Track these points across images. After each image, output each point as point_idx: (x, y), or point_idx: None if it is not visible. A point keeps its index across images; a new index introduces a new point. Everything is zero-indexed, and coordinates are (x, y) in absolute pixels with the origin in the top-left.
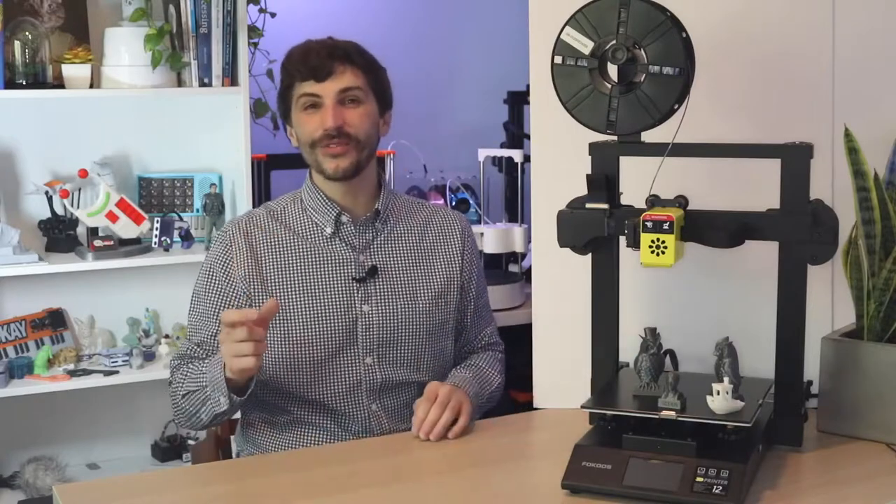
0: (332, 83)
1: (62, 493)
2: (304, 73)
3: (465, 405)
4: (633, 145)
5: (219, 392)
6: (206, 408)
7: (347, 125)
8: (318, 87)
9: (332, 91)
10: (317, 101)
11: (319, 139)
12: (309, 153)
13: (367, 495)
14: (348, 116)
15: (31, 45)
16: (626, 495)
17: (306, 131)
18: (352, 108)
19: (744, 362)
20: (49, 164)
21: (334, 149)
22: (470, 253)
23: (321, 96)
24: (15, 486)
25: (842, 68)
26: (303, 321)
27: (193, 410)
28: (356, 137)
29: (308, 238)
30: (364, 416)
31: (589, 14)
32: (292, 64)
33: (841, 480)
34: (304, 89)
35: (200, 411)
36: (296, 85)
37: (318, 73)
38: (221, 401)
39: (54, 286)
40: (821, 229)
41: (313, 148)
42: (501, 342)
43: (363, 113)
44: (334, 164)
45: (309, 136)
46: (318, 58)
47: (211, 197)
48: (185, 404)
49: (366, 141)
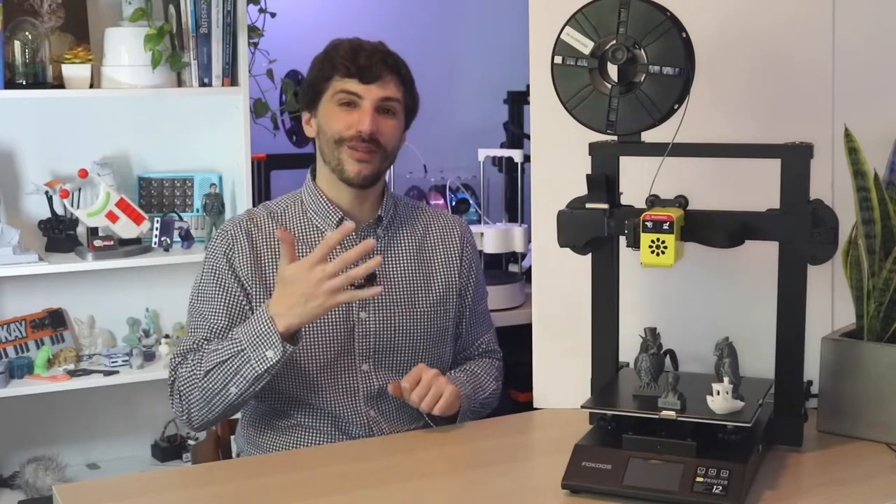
0: (376, 88)
1: (62, 493)
2: (351, 70)
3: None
4: (633, 145)
5: (265, 347)
6: (242, 374)
7: (380, 133)
8: (362, 88)
9: (375, 96)
10: (356, 100)
11: (349, 138)
12: (331, 148)
13: (366, 495)
14: (382, 125)
15: (31, 45)
16: (626, 495)
17: (336, 127)
18: (386, 118)
19: (744, 362)
20: (49, 164)
21: (362, 153)
22: (468, 259)
23: (363, 98)
24: (15, 486)
25: (842, 68)
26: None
27: (219, 387)
28: (384, 147)
29: (308, 242)
30: (363, 422)
31: (589, 14)
32: (339, 57)
33: (841, 480)
34: (346, 86)
35: (230, 383)
36: (336, 78)
37: (365, 75)
38: (268, 355)
39: (54, 286)
40: (821, 229)
41: (339, 144)
42: (500, 350)
43: (395, 125)
44: (358, 169)
45: (337, 133)
46: (369, 59)
47: (211, 197)
48: (209, 383)
49: (391, 153)
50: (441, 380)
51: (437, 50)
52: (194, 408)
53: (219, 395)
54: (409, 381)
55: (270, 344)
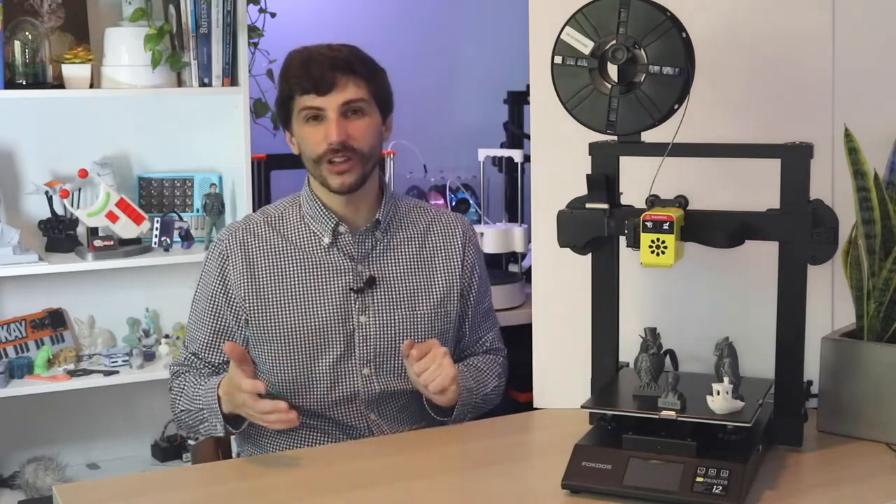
0: (334, 96)
1: (62, 493)
2: (305, 86)
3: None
4: (633, 145)
5: (215, 419)
6: (203, 426)
7: (351, 139)
8: (321, 100)
9: (335, 104)
10: (319, 114)
11: (324, 153)
12: (313, 167)
13: (366, 495)
14: (352, 129)
15: (31, 45)
16: (626, 495)
17: (309, 145)
18: (355, 119)
19: (744, 362)
20: (49, 164)
21: (339, 166)
22: (471, 259)
23: (324, 109)
24: (15, 486)
25: (842, 68)
26: (299, 332)
27: (192, 425)
28: (360, 151)
29: (305, 247)
30: (364, 425)
31: (589, 14)
32: (292, 75)
33: (841, 480)
34: (305, 102)
35: (199, 427)
36: (296, 97)
37: (319, 87)
38: (218, 427)
39: (54, 286)
40: (821, 229)
41: (318, 163)
42: (504, 348)
43: (367, 125)
44: (340, 181)
45: (313, 151)
46: (320, 70)
47: (211, 197)
48: (184, 418)
49: (370, 153)
50: (447, 360)
51: (437, 50)
52: (182, 427)
53: (194, 430)
54: (420, 350)
55: (218, 419)
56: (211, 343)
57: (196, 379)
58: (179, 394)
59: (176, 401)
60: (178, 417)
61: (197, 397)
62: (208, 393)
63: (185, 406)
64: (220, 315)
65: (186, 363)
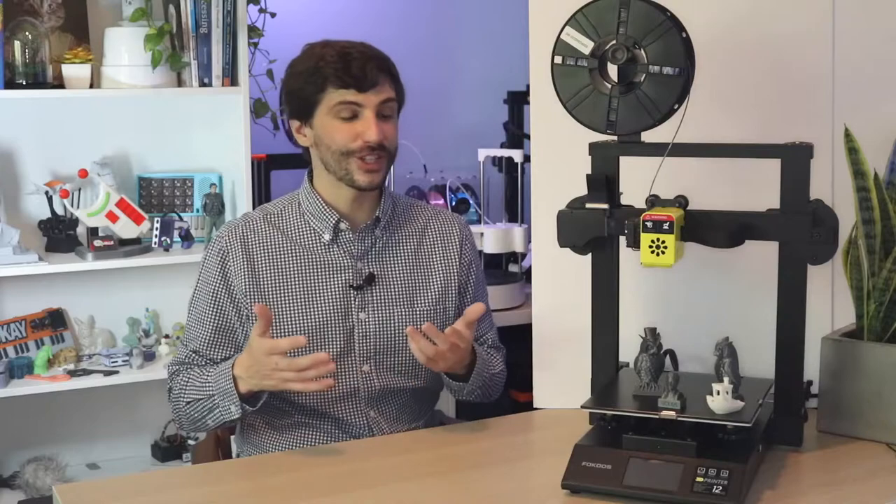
0: (374, 95)
1: (62, 493)
2: (346, 80)
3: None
4: (633, 145)
5: (229, 401)
6: (213, 415)
7: (386, 139)
8: (361, 97)
9: (374, 102)
10: (357, 110)
11: (357, 150)
12: (338, 160)
13: (366, 495)
14: (386, 130)
15: (31, 45)
16: (626, 495)
17: (341, 140)
18: (386, 121)
19: (744, 362)
20: (49, 164)
21: (372, 164)
22: (467, 257)
23: (363, 106)
24: (15, 486)
25: (842, 69)
26: (299, 328)
27: (199, 417)
28: (390, 151)
29: (305, 244)
30: (363, 423)
31: (589, 14)
32: (330, 67)
33: (841, 480)
34: (343, 97)
35: (207, 418)
36: (330, 90)
37: (361, 84)
38: (232, 409)
39: (54, 286)
40: (821, 229)
41: (347, 156)
42: (503, 347)
43: (395, 126)
44: (369, 179)
45: (344, 146)
46: (361, 66)
47: (211, 197)
48: (190, 411)
49: (395, 154)
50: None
51: (437, 50)
52: (184, 423)
53: (200, 422)
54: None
55: (232, 401)
56: (212, 340)
57: (200, 370)
58: (184, 387)
59: (180, 395)
60: (184, 411)
61: (206, 384)
62: (220, 377)
63: (193, 396)
64: (222, 311)
65: (187, 361)
